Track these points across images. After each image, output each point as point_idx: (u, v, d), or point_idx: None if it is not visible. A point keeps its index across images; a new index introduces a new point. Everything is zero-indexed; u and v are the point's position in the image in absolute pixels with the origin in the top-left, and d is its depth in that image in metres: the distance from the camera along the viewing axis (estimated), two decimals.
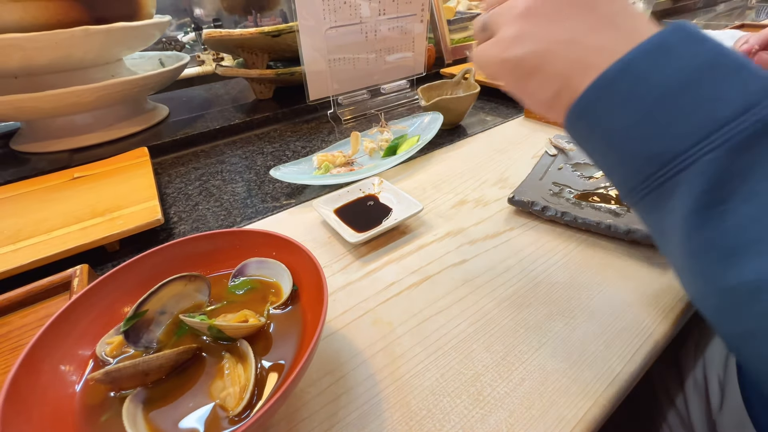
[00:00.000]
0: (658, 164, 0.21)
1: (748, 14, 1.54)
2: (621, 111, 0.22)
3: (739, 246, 0.20)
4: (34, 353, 0.21)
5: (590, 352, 0.27)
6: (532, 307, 0.30)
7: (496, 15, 0.28)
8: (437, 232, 0.39)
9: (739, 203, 0.20)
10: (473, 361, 0.27)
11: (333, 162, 0.50)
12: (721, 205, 0.20)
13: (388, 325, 0.30)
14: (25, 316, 0.31)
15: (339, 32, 0.58)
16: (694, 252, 0.22)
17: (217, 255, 0.29)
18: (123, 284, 0.27)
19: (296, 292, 0.27)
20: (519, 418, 0.23)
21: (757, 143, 0.19)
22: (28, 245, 0.37)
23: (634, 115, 0.21)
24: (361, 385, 0.26)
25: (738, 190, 0.19)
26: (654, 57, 0.21)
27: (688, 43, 0.21)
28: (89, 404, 0.21)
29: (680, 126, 0.20)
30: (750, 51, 0.44)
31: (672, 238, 0.23)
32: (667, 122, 0.20)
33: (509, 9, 0.27)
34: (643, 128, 0.21)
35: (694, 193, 0.20)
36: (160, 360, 0.22)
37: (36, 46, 0.49)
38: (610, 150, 0.23)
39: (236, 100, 0.79)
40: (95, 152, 0.60)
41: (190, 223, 0.44)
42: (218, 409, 0.21)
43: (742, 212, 0.19)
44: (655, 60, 0.21)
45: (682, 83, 0.20)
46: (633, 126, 0.22)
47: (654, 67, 0.21)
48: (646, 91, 0.21)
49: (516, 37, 0.26)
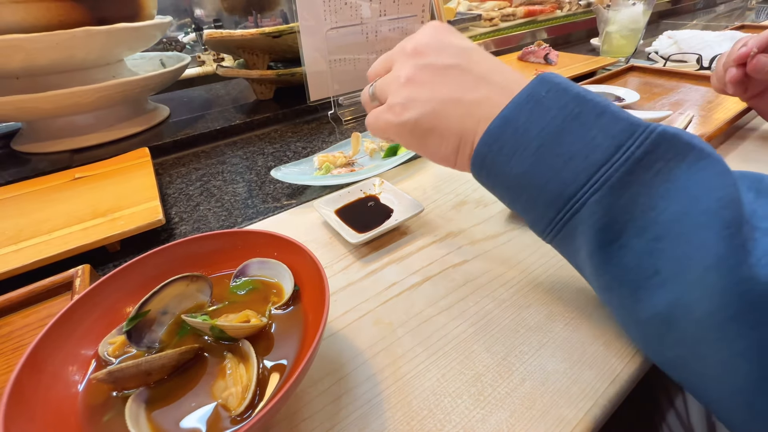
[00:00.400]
0: (555, 209, 0.23)
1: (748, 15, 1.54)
2: (511, 162, 0.24)
3: (641, 280, 0.21)
4: (37, 353, 0.22)
5: (591, 353, 0.27)
6: (533, 307, 0.30)
7: (383, 84, 0.31)
8: (438, 232, 0.39)
9: (631, 238, 0.21)
10: (474, 361, 0.27)
11: (334, 163, 0.50)
12: (616, 241, 0.21)
13: (389, 325, 0.30)
14: (27, 317, 0.31)
15: (340, 33, 0.58)
16: (606, 287, 0.23)
17: (219, 255, 0.29)
18: (125, 284, 0.27)
19: (298, 292, 0.27)
20: (520, 418, 0.23)
21: (632, 181, 0.20)
22: (29, 245, 0.38)
23: (523, 164, 0.23)
24: (362, 385, 0.26)
25: (627, 225, 0.21)
26: (527, 110, 0.23)
27: (555, 95, 0.23)
28: (92, 404, 0.21)
29: (564, 172, 0.22)
30: (749, 54, 0.44)
31: (587, 274, 0.25)
32: (554, 169, 0.22)
33: (394, 79, 0.29)
34: (535, 176, 0.23)
35: (592, 231, 0.22)
36: (162, 360, 0.22)
37: (37, 47, 0.50)
38: (515, 196, 0.25)
39: (237, 101, 0.79)
40: (96, 153, 0.60)
41: (191, 224, 0.44)
42: (220, 409, 0.21)
43: (636, 247, 0.21)
44: (528, 113, 0.23)
45: (556, 133, 0.22)
46: (526, 174, 0.23)
47: (529, 119, 0.23)
48: (527, 142, 0.23)
49: (406, 103, 0.28)
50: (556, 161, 0.22)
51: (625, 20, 0.87)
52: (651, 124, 0.21)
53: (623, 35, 0.89)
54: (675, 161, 0.20)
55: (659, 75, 0.74)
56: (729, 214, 0.18)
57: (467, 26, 1.12)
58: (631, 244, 0.21)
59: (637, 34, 0.88)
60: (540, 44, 0.89)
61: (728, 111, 0.57)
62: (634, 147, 0.20)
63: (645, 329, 0.22)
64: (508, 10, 1.21)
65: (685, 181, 0.20)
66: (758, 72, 0.43)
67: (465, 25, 1.12)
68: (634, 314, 0.22)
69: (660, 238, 0.20)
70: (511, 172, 0.24)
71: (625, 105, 0.59)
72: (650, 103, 0.63)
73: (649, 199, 0.20)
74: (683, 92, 0.66)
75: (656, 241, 0.20)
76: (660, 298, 0.20)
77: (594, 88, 0.66)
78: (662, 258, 0.20)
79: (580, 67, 0.81)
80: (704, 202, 0.19)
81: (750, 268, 0.17)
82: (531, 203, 0.24)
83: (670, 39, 0.92)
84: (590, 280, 0.25)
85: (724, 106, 0.59)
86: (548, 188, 0.23)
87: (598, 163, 0.21)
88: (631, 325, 0.24)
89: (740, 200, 0.19)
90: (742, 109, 0.53)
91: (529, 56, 0.89)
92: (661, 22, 1.42)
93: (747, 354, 0.18)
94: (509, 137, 0.23)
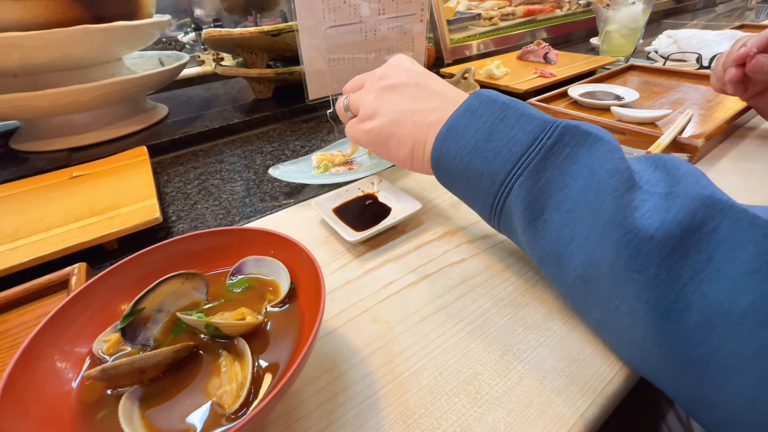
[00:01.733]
0: (492, 194, 0.28)
1: (747, 15, 1.54)
2: (456, 159, 0.29)
3: (562, 247, 0.25)
4: (31, 350, 0.21)
5: (589, 351, 0.26)
6: (531, 306, 0.30)
7: (355, 99, 0.38)
8: (436, 231, 0.39)
9: (552, 212, 0.25)
10: (471, 359, 0.27)
11: (332, 161, 0.50)
12: (540, 217, 0.26)
13: (386, 323, 0.30)
14: (22, 314, 0.31)
15: (338, 32, 0.58)
16: (540, 259, 0.27)
17: (215, 253, 0.29)
18: (120, 282, 0.27)
19: (294, 290, 0.27)
20: (517, 417, 0.23)
21: (545, 165, 0.25)
22: (26, 243, 0.37)
23: (464, 161, 0.28)
24: (358, 383, 0.25)
25: (547, 202, 0.25)
26: (466, 118, 0.29)
27: (486, 105, 0.28)
28: (85, 401, 0.21)
29: (494, 164, 0.27)
30: (748, 54, 0.43)
31: (527, 251, 0.29)
32: (486, 162, 0.27)
33: (364, 95, 0.36)
34: (474, 169, 0.28)
35: (520, 210, 0.26)
36: (156, 357, 0.22)
37: (35, 45, 0.49)
38: (462, 189, 0.31)
39: (235, 100, 0.79)
40: (94, 151, 0.60)
41: (189, 222, 0.44)
42: (215, 406, 0.21)
43: (555, 220, 0.25)
44: (467, 120, 0.29)
45: (487, 134, 0.27)
46: (467, 168, 0.28)
47: (467, 125, 0.29)
48: (465, 143, 0.28)
49: (372, 114, 0.35)
50: (487, 155, 0.27)
51: (624, 19, 0.87)
52: (559, 120, 0.26)
53: (623, 34, 0.88)
54: (578, 146, 0.25)
55: (659, 74, 0.74)
56: (616, 180, 0.22)
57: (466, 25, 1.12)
58: (552, 218, 0.25)
59: (636, 33, 0.88)
60: (539, 43, 0.88)
61: (728, 110, 0.56)
62: (545, 138, 0.25)
63: (573, 293, 0.26)
64: (508, 9, 1.21)
65: (586, 160, 0.24)
66: (757, 72, 0.43)
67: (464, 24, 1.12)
68: (563, 280, 0.26)
69: (571, 210, 0.24)
70: (457, 169, 0.29)
71: (624, 104, 0.59)
72: (650, 102, 0.63)
73: (561, 178, 0.25)
74: (683, 91, 0.66)
75: (569, 212, 0.24)
76: (577, 261, 0.24)
77: (594, 87, 0.66)
78: (575, 226, 0.24)
79: (579, 66, 0.81)
80: (599, 174, 0.23)
81: (635, 221, 0.21)
82: (475, 194, 0.29)
83: (669, 38, 0.91)
84: (530, 256, 0.29)
85: (724, 105, 0.59)
86: (485, 179, 0.27)
87: (519, 153, 0.26)
88: (564, 292, 0.28)
89: (628, 169, 0.23)
90: (741, 108, 0.53)
91: (529, 55, 0.88)
92: (661, 22, 1.42)
93: (641, 296, 0.21)
94: (452, 140, 0.29)
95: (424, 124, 0.32)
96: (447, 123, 0.29)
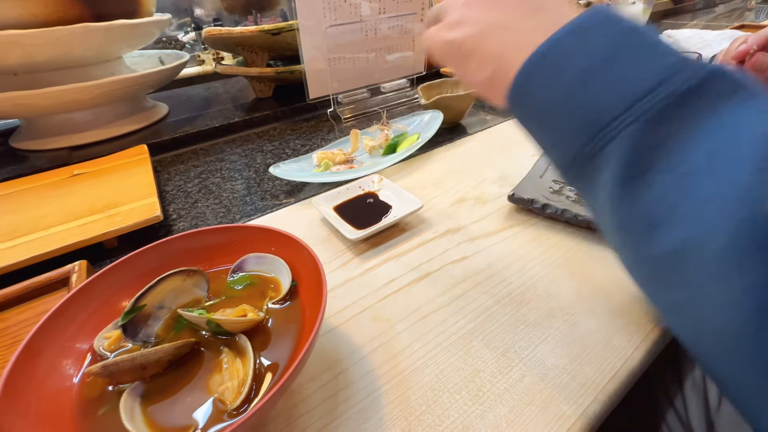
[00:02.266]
0: (586, 137, 0.22)
1: (747, 15, 1.54)
2: (551, 87, 0.23)
3: (660, 216, 0.20)
4: (32, 346, 0.21)
5: (590, 349, 0.26)
6: (532, 303, 0.30)
7: (446, 5, 0.31)
8: (437, 229, 0.39)
9: (658, 174, 0.20)
10: (473, 357, 0.26)
11: (333, 160, 0.50)
12: (642, 175, 0.21)
13: (387, 321, 0.29)
14: (23, 312, 0.31)
15: (339, 31, 0.58)
16: (623, 225, 0.23)
17: (216, 250, 0.29)
18: (121, 278, 0.27)
19: (295, 287, 0.27)
20: (519, 414, 0.23)
21: (671, 115, 0.20)
22: (26, 241, 0.37)
23: (562, 91, 0.23)
24: (360, 380, 0.25)
25: (657, 161, 0.20)
26: (577, 37, 0.23)
27: (607, 24, 0.22)
28: (87, 398, 0.21)
29: (603, 98, 0.21)
30: (748, 51, 0.43)
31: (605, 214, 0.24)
32: (592, 96, 0.21)
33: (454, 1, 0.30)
34: (571, 103, 0.22)
35: (619, 164, 0.21)
36: (158, 354, 0.22)
37: (36, 43, 0.49)
38: (545, 127, 0.25)
39: (236, 99, 0.79)
40: (94, 150, 0.60)
41: (189, 221, 0.44)
42: (216, 403, 0.21)
43: (662, 182, 0.20)
44: (577, 39, 0.22)
45: (603, 59, 0.21)
46: (563, 102, 0.23)
47: (577, 45, 0.22)
48: (571, 68, 0.22)
49: (458, 22, 0.29)
50: (595, 88, 0.21)
51: None
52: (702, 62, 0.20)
53: None
54: (722, 99, 0.20)
55: None
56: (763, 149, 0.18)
57: None
58: (657, 180, 0.20)
59: None
60: None
61: None
62: (682, 81, 0.20)
63: (654, 269, 0.22)
64: None
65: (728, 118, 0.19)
66: (757, 69, 0.43)
67: None
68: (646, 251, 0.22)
69: (688, 174, 0.19)
70: (547, 100, 0.24)
71: None
72: None
73: (687, 134, 0.20)
74: None
75: (684, 178, 0.20)
76: (675, 235, 0.20)
77: None
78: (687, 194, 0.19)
79: None
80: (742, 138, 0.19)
81: None
82: (560, 134, 0.24)
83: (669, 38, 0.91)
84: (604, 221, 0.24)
85: None
86: (583, 115, 0.22)
87: (641, 93, 0.20)
88: (640, 264, 0.23)
89: None
90: None
91: None
92: (661, 22, 1.42)
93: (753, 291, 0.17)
94: (553, 62, 0.23)
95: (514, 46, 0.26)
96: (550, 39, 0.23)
